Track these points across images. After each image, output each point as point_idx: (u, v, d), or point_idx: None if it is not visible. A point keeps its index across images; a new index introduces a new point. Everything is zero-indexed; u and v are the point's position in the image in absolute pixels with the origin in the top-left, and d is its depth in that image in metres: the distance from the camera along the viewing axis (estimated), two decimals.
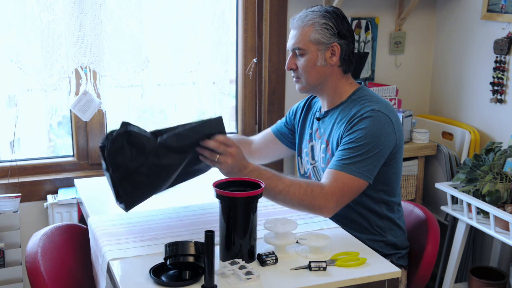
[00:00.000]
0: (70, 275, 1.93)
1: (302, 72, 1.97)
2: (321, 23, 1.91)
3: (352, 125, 1.88)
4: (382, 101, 1.94)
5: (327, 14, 1.93)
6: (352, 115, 1.90)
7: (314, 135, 2.08)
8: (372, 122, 1.85)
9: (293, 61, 1.98)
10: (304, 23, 1.93)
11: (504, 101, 2.82)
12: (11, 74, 2.46)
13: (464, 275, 3.00)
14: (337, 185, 1.80)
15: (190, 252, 1.51)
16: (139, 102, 2.75)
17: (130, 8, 2.53)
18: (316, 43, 1.92)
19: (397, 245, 2.00)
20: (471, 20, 2.98)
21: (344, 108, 1.96)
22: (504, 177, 2.48)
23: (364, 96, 1.96)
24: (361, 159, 1.82)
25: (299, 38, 1.94)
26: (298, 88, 2.03)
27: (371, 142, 1.83)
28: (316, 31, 1.91)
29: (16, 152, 2.64)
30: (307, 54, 1.94)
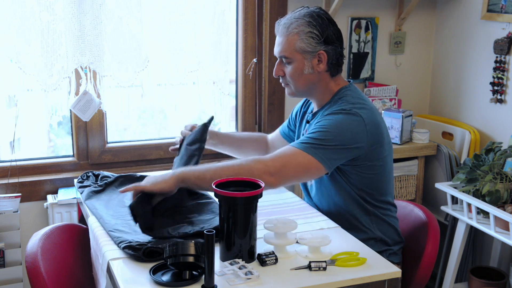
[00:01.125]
0: (70, 275, 1.93)
1: (289, 79, 1.98)
2: (306, 31, 1.90)
3: (322, 117, 1.91)
4: (361, 102, 1.92)
5: (312, 21, 1.91)
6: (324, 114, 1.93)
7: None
8: (340, 117, 1.86)
9: (280, 67, 1.99)
10: (289, 31, 1.92)
11: (504, 101, 2.82)
12: (11, 74, 2.46)
13: (464, 275, 3.00)
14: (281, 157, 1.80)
15: (190, 252, 1.51)
16: (139, 102, 2.75)
17: (130, 8, 2.53)
18: (301, 52, 1.92)
19: (387, 242, 2.00)
20: (471, 20, 2.98)
21: (328, 108, 1.97)
22: (504, 177, 2.48)
23: (345, 96, 1.96)
24: (320, 143, 1.81)
25: (285, 47, 1.93)
26: (288, 93, 2.06)
27: (332, 131, 1.83)
28: (301, 40, 1.91)
29: (16, 152, 2.64)
30: (294, 63, 1.94)
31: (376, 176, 1.94)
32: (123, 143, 2.88)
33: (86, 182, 2.20)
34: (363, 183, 1.93)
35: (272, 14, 2.90)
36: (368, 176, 1.93)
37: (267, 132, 3.00)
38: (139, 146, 2.89)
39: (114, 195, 2.10)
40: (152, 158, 2.90)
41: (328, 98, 2.00)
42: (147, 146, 2.89)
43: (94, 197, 2.06)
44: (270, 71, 2.96)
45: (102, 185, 2.14)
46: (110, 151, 2.83)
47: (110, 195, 2.09)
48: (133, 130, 3.07)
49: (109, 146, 2.83)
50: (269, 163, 1.79)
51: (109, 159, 2.82)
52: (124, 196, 2.08)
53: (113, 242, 1.72)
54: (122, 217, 1.89)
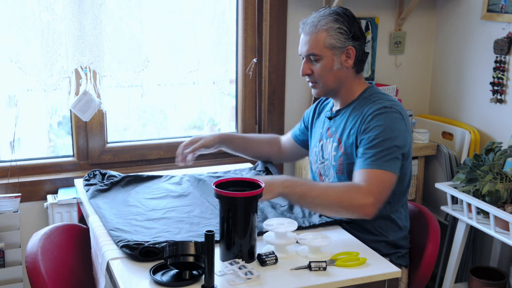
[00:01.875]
0: (70, 275, 1.93)
1: (318, 77, 1.98)
2: (335, 27, 1.92)
3: (367, 123, 1.89)
4: (393, 99, 1.97)
5: (340, 18, 1.93)
6: (365, 113, 1.92)
7: (325, 134, 2.08)
8: (386, 118, 1.87)
9: (308, 66, 1.99)
10: (317, 28, 1.93)
11: (504, 101, 2.82)
12: (11, 74, 2.46)
13: (464, 275, 3.00)
14: (372, 182, 1.79)
15: (190, 252, 1.51)
16: (139, 102, 2.75)
17: (130, 8, 2.53)
18: (331, 48, 1.93)
19: (398, 245, 2.00)
20: (471, 20, 2.98)
21: (356, 106, 1.98)
22: (504, 177, 2.48)
23: (375, 93, 1.99)
24: (385, 154, 1.83)
25: (314, 44, 1.94)
26: (315, 93, 2.04)
27: (390, 137, 1.85)
28: (330, 36, 1.92)
29: (16, 152, 2.64)
30: (323, 60, 1.94)
31: (404, 176, 1.95)
32: (123, 143, 2.88)
33: (93, 180, 2.20)
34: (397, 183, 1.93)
35: (272, 14, 2.90)
36: (402, 175, 1.93)
37: (267, 132, 3.00)
38: (139, 146, 2.89)
39: (119, 194, 2.11)
40: (152, 158, 2.90)
41: (354, 96, 2.01)
42: (147, 146, 2.89)
43: (99, 196, 2.07)
44: (270, 71, 2.96)
45: (108, 184, 2.15)
46: (110, 151, 2.83)
47: (115, 195, 2.10)
48: (133, 130, 3.07)
49: (109, 146, 2.83)
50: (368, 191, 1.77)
51: (109, 159, 2.82)
52: (128, 195, 2.09)
53: (113, 241, 1.73)
54: (124, 216, 1.90)
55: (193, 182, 2.23)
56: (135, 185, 2.20)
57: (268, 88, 2.98)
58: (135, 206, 2.00)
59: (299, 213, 1.94)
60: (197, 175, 2.30)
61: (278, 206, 2.01)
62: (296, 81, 3.03)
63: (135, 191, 2.14)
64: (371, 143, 1.86)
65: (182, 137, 3.00)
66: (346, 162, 1.95)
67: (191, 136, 3.00)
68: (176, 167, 2.70)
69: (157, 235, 1.74)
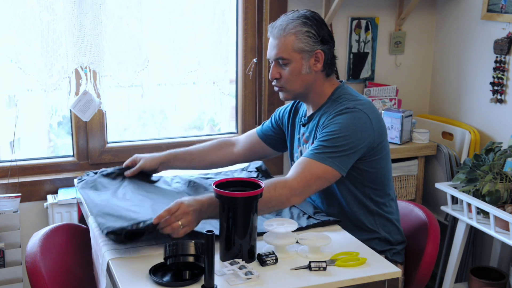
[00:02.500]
0: (70, 275, 1.93)
1: (286, 81, 1.96)
2: (303, 31, 1.91)
3: (328, 120, 1.90)
4: (361, 99, 1.95)
5: (308, 21, 1.92)
6: (328, 115, 1.92)
7: (301, 141, 2.08)
8: (347, 117, 1.87)
9: (276, 70, 1.97)
10: (286, 32, 1.92)
11: (504, 101, 2.82)
12: (11, 74, 2.46)
13: (464, 275, 3.00)
14: (303, 175, 1.80)
15: (190, 252, 1.51)
16: (139, 102, 2.75)
17: (130, 8, 2.53)
18: (300, 52, 1.92)
19: (391, 241, 2.00)
20: (471, 20, 2.98)
21: (326, 109, 1.98)
22: (504, 177, 2.48)
23: (343, 95, 1.98)
24: (335, 150, 1.82)
25: (282, 48, 1.93)
26: (283, 97, 2.03)
27: (345, 135, 1.84)
28: (299, 40, 1.91)
29: (16, 152, 2.64)
30: (291, 64, 1.93)
31: (380, 170, 1.95)
32: (123, 143, 2.88)
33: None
34: (369, 179, 1.94)
35: (272, 14, 2.90)
36: (374, 171, 1.94)
37: None
38: (139, 146, 2.88)
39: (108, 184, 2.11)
40: None
41: (324, 99, 2.00)
42: (147, 146, 2.89)
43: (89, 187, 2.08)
44: None
45: (98, 174, 2.17)
46: (110, 151, 2.83)
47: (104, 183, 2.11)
48: (133, 130, 3.07)
49: (109, 146, 2.83)
50: (294, 186, 1.78)
51: (109, 159, 2.82)
52: (115, 190, 2.08)
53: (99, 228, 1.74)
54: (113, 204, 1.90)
55: (183, 183, 2.23)
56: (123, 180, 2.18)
57: (268, 88, 2.98)
58: (123, 199, 1.99)
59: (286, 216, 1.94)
60: (188, 176, 2.30)
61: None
62: None
63: (123, 186, 2.12)
64: (324, 138, 1.86)
65: (182, 137, 3.00)
66: None
67: (191, 136, 3.04)
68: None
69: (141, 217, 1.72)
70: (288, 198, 1.79)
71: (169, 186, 2.21)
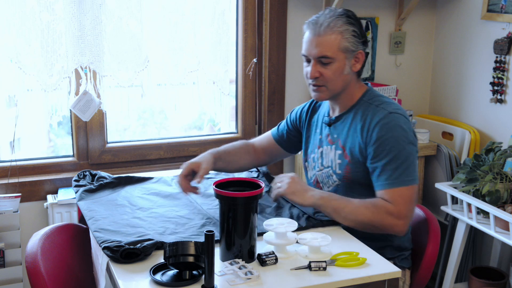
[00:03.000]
0: (70, 275, 1.93)
1: (328, 80, 1.90)
2: (350, 30, 1.86)
3: (376, 133, 1.85)
4: (392, 101, 1.94)
5: (352, 20, 1.88)
6: (370, 122, 1.88)
7: (324, 141, 2.03)
8: (393, 126, 1.84)
9: (316, 69, 1.89)
10: (333, 30, 1.85)
11: (504, 101, 2.82)
12: (11, 74, 2.46)
13: (464, 275, 3.00)
14: (399, 202, 1.81)
15: (190, 252, 1.51)
16: (139, 102, 2.75)
17: (130, 8, 2.53)
18: (344, 51, 1.87)
19: (401, 247, 2.00)
20: (471, 20, 2.98)
21: (357, 111, 1.94)
22: (504, 177, 2.48)
23: (375, 97, 1.95)
24: (403, 168, 1.82)
25: (327, 46, 1.86)
26: (318, 97, 1.95)
27: (402, 147, 1.83)
28: (345, 39, 1.86)
29: (16, 152, 2.64)
30: (335, 63, 1.87)
31: None
32: (123, 143, 2.88)
33: (82, 181, 2.20)
34: None
35: (272, 14, 2.90)
36: None
37: None
38: (139, 146, 2.89)
39: (107, 195, 2.10)
40: (152, 158, 2.90)
41: (354, 100, 1.96)
42: (147, 146, 2.89)
43: (87, 198, 2.07)
44: (270, 71, 2.96)
45: (97, 185, 2.15)
46: (110, 151, 2.83)
47: (103, 195, 2.10)
48: (133, 130, 3.07)
49: (109, 146, 2.83)
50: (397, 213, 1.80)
51: (109, 159, 2.82)
52: (117, 195, 2.08)
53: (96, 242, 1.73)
54: (111, 216, 1.90)
55: None
56: (125, 186, 2.19)
57: (268, 88, 2.98)
58: (123, 205, 1.99)
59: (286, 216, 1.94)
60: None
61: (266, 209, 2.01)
62: (296, 81, 3.03)
63: (124, 191, 2.14)
64: (385, 159, 1.83)
65: (182, 137, 3.00)
66: (354, 171, 1.92)
67: (191, 136, 3.04)
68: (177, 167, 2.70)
69: (141, 234, 1.74)
70: (391, 225, 1.81)
71: (169, 186, 2.21)
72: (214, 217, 1.90)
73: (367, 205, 1.81)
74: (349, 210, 1.81)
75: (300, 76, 3.03)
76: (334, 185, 1.99)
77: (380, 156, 1.84)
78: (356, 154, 1.91)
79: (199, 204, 2.02)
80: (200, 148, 2.97)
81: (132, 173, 2.31)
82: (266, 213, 1.96)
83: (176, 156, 2.93)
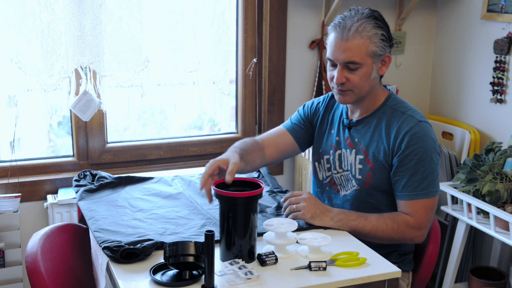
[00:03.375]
0: (70, 275, 1.93)
1: (356, 85, 1.84)
2: (379, 34, 1.81)
3: (406, 143, 1.82)
4: (416, 109, 1.92)
5: (380, 23, 1.82)
6: (398, 129, 1.84)
7: (343, 144, 1.97)
8: (422, 137, 1.82)
9: (343, 74, 1.83)
10: (362, 35, 1.79)
11: (504, 101, 2.82)
12: (11, 74, 2.46)
13: (464, 275, 3.00)
14: (421, 214, 1.82)
15: (190, 252, 1.51)
16: (139, 102, 2.75)
17: (130, 8, 2.53)
18: (372, 56, 1.82)
19: (406, 252, 2.00)
20: (471, 20, 2.98)
21: (381, 116, 1.90)
22: (504, 177, 2.48)
23: (398, 103, 1.92)
24: (429, 180, 1.82)
25: (355, 52, 1.80)
26: (343, 100, 1.89)
27: (429, 157, 1.82)
28: (374, 44, 1.81)
29: (16, 152, 2.64)
30: (362, 68, 1.82)
31: None
32: (123, 143, 2.88)
33: (83, 181, 2.20)
34: None
35: (272, 14, 2.90)
36: None
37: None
38: (139, 146, 2.89)
39: (108, 195, 2.10)
40: (152, 158, 2.90)
41: (377, 105, 1.92)
42: (147, 146, 2.89)
43: (87, 198, 2.07)
44: (270, 71, 2.96)
45: (97, 185, 2.15)
46: (110, 151, 2.83)
47: (104, 195, 2.10)
48: (133, 130, 3.07)
49: (109, 146, 2.83)
50: (418, 225, 1.83)
51: (109, 159, 2.82)
52: (117, 196, 2.08)
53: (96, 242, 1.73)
54: (111, 216, 1.90)
55: (183, 183, 2.23)
56: (125, 186, 2.20)
57: (268, 88, 2.98)
58: (123, 206, 1.99)
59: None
60: (189, 176, 2.30)
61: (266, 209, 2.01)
62: (296, 81, 3.03)
63: (124, 191, 2.14)
64: (413, 169, 1.81)
65: (182, 137, 3.00)
66: (376, 177, 1.89)
67: (191, 136, 3.04)
68: (177, 167, 2.71)
69: (141, 235, 1.74)
70: (411, 237, 1.84)
71: (169, 186, 2.21)
72: (214, 217, 1.90)
73: (387, 222, 1.81)
74: (368, 230, 1.81)
75: (300, 76, 3.03)
76: (353, 189, 1.95)
77: (407, 166, 1.82)
78: (380, 160, 1.87)
79: (199, 205, 2.02)
80: (200, 148, 2.97)
81: (132, 173, 2.31)
82: (266, 213, 1.96)
83: (176, 156, 2.94)
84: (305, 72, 3.04)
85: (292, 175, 3.10)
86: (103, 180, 2.20)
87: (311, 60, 3.03)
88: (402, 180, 1.84)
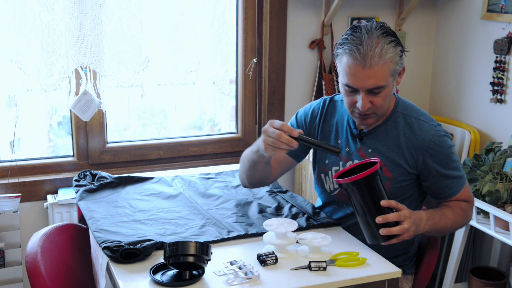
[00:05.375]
0: (70, 275, 1.93)
1: (378, 108, 1.78)
2: (398, 52, 1.74)
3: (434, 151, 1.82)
4: (423, 111, 1.95)
5: (395, 38, 1.74)
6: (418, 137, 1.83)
7: (355, 154, 1.90)
8: (445, 139, 1.85)
9: (368, 99, 1.75)
10: (384, 60, 1.71)
11: (504, 101, 2.82)
12: (11, 74, 2.46)
13: (464, 275, 3.00)
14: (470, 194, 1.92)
15: (190, 252, 1.51)
16: (139, 102, 2.75)
17: (130, 8, 2.53)
18: (393, 74, 1.75)
19: (412, 254, 2.00)
20: (471, 20, 2.98)
21: (393, 124, 1.86)
22: (504, 177, 2.48)
23: (408, 108, 1.90)
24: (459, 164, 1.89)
25: (380, 77, 1.72)
26: (367, 124, 1.83)
27: (454, 153, 1.88)
28: (395, 63, 1.74)
29: (16, 152, 2.64)
30: (386, 89, 1.75)
31: None
32: (123, 143, 2.88)
33: (83, 181, 2.20)
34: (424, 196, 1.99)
35: (272, 14, 2.90)
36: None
37: None
38: (139, 146, 2.89)
39: (108, 195, 2.10)
40: (152, 158, 2.90)
41: (387, 112, 1.87)
42: (147, 146, 2.89)
43: (87, 198, 2.07)
44: (270, 71, 2.96)
45: (97, 185, 2.15)
46: (110, 151, 2.83)
47: (104, 195, 2.10)
48: (133, 130, 3.07)
49: (109, 146, 2.83)
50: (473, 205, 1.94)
51: (109, 159, 2.83)
52: (117, 196, 2.08)
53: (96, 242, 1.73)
54: (111, 217, 1.90)
55: (183, 183, 2.23)
56: (125, 186, 2.20)
57: (268, 88, 2.98)
58: (123, 207, 1.99)
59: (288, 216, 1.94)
60: (189, 176, 2.30)
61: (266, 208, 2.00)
62: (296, 81, 3.03)
63: (124, 191, 2.14)
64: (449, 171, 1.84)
65: (182, 137, 3.00)
66: (394, 186, 1.85)
67: (191, 136, 3.04)
68: (177, 168, 2.70)
69: (141, 236, 1.74)
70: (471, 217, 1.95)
71: (169, 186, 2.21)
72: (214, 217, 1.90)
73: (458, 212, 1.86)
74: (450, 226, 1.85)
75: (300, 76, 3.03)
76: None
77: (444, 170, 1.84)
78: (400, 169, 1.84)
79: (199, 205, 2.02)
80: (200, 148, 2.97)
81: (132, 173, 2.31)
82: (266, 213, 1.96)
83: (176, 156, 2.94)
84: (305, 72, 3.04)
85: (292, 175, 3.10)
86: (103, 180, 2.20)
87: (311, 60, 3.03)
88: (447, 184, 1.86)
